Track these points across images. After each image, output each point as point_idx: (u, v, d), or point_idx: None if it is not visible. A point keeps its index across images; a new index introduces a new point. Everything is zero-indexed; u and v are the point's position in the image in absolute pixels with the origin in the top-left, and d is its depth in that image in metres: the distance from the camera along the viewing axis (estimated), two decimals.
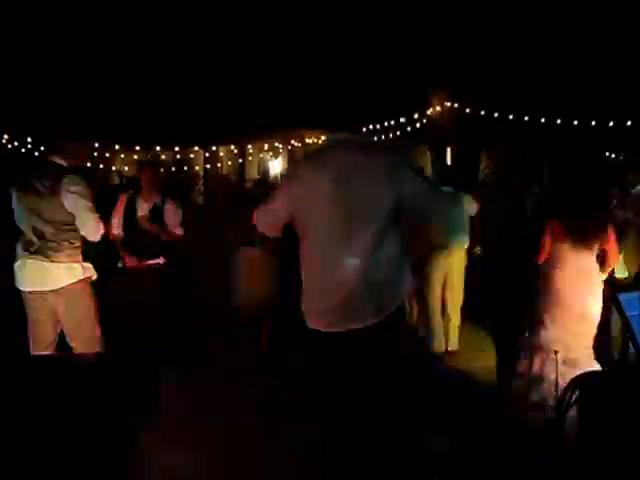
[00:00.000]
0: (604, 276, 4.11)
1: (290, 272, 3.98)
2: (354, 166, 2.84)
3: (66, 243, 3.93)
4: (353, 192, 2.80)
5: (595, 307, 3.98)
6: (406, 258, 2.98)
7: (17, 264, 4.03)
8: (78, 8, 12.21)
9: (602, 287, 4.09)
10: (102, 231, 4.01)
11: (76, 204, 3.88)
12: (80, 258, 4.02)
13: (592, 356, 3.96)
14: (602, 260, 4.07)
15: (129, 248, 5.12)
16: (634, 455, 2.14)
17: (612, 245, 4.03)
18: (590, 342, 3.97)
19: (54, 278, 3.94)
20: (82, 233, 3.95)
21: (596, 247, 3.99)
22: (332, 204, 2.81)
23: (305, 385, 3.96)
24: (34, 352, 4.00)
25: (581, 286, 3.95)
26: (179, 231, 5.25)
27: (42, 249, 3.93)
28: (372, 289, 2.83)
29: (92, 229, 3.94)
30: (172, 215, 5.24)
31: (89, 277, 4.08)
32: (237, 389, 4.95)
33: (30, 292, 4.01)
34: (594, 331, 3.99)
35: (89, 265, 4.09)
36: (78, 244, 3.99)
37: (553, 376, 3.84)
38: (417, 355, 5.49)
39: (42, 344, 4.03)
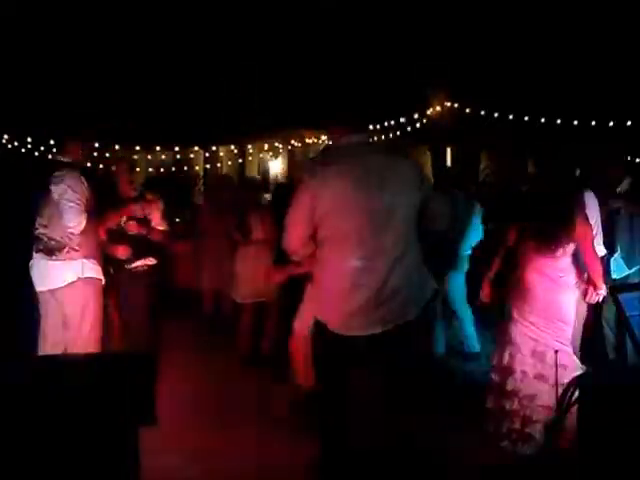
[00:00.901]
0: (600, 292, 4.02)
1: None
2: (383, 168, 2.83)
3: (66, 240, 3.92)
4: (383, 194, 2.79)
5: (565, 302, 3.93)
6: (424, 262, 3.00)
7: (30, 264, 4.05)
8: (78, 8, 12.20)
9: (578, 286, 4.05)
10: (81, 223, 3.89)
11: (58, 194, 3.87)
12: (83, 256, 3.99)
13: (568, 352, 3.93)
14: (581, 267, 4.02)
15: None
16: (634, 456, 2.14)
17: (586, 247, 3.90)
18: (563, 337, 3.92)
19: (56, 276, 3.95)
20: (64, 224, 3.89)
21: (565, 247, 3.90)
22: (362, 206, 2.78)
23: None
24: (43, 352, 4.00)
25: (547, 284, 3.91)
26: (163, 226, 4.98)
27: (46, 248, 3.95)
28: (398, 292, 2.83)
29: (67, 218, 3.87)
30: (154, 209, 4.94)
31: (93, 278, 4.05)
32: (238, 390, 4.95)
33: (41, 292, 4.03)
34: (566, 327, 3.94)
35: (94, 265, 4.06)
36: (80, 242, 3.96)
37: (520, 368, 3.90)
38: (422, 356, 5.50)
39: (51, 345, 4.03)
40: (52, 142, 4.26)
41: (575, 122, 11.58)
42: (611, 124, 11.37)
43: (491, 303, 4.32)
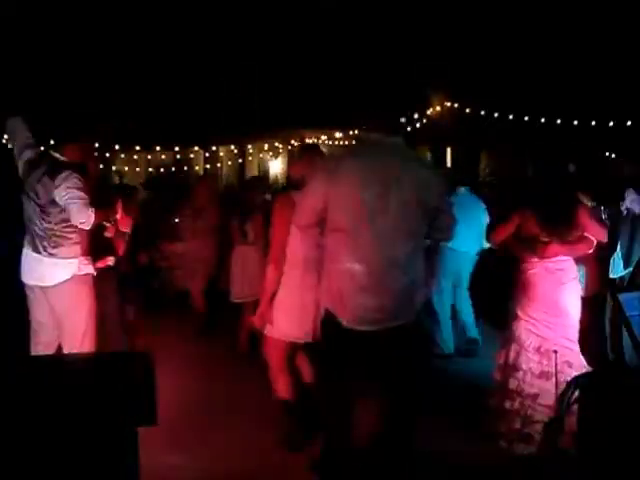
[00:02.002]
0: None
1: None
2: (397, 171, 2.87)
3: (62, 239, 3.90)
4: (400, 195, 2.84)
5: (569, 298, 3.95)
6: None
7: (23, 258, 4.03)
8: (78, 8, 12.20)
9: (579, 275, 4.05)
10: (90, 217, 3.86)
11: (65, 195, 3.82)
12: (79, 254, 3.96)
13: (574, 348, 3.94)
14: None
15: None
16: (634, 455, 2.14)
17: (593, 230, 3.93)
18: (569, 334, 3.93)
19: (50, 274, 3.90)
20: (73, 222, 3.88)
21: (570, 239, 3.94)
22: (379, 205, 2.83)
23: (307, 387, 3.97)
24: (34, 352, 3.97)
25: (549, 279, 3.93)
26: (126, 227, 4.73)
27: (40, 244, 3.91)
28: (407, 290, 2.91)
29: (76, 216, 3.83)
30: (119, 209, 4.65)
31: (88, 274, 4.03)
32: (238, 389, 4.95)
33: (30, 286, 4.00)
34: (572, 323, 3.95)
35: (88, 262, 4.04)
36: (76, 240, 3.94)
37: (526, 366, 3.91)
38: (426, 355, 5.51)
39: (43, 343, 4.01)
40: (52, 142, 4.23)
41: (575, 122, 11.57)
42: (611, 124, 11.37)
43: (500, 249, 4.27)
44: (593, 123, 11.51)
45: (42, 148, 4.22)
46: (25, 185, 3.99)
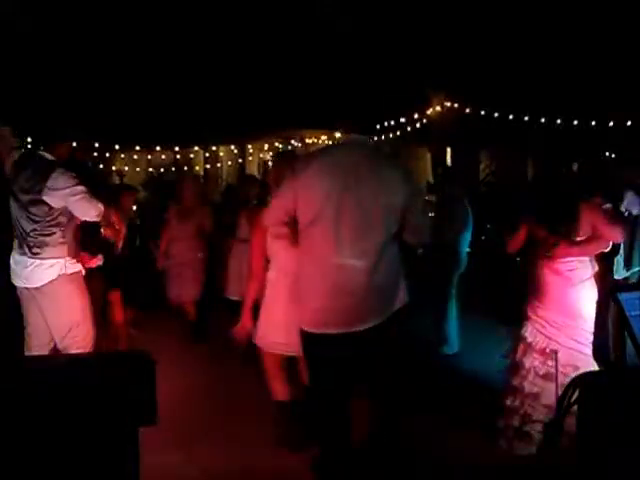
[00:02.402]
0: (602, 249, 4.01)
1: None
2: (369, 171, 2.85)
3: (49, 239, 3.86)
4: (366, 196, 2.81)
5: (580, 300, 3.90)
6: (402, 265, 3.01)
7: (11, 259, 4.01)
8: (77, 8, 12.21)
9: (591, 276, 4.04)
10: (99, 208, 3.84)
11: (66, 194, 3.79)
12: (65, 254, 3.91)
13: (583, 351, 3.89)
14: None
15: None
16: (634, 456, 2.14)
17: (606, 230, 3.85)
18: (579, 335, 3.89)
19: (36, 275, 3.87)
20: (83, 218, 3.87)
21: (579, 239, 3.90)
22: (343, 206, 2.81)
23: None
24: (28, 353, 3.95)
25: (558, 279, 3.90)
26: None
27: (27, 245, 3.88)
28: (374, 292, 2.85)
29: (86, 211, 3.83)
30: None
31: (75, 272, 3.99)
32: (237, 389, 4.96)
33: (19, 288, 3.98)
34: (583, 325, 3.91)
35: (75, 261, 4.00)
36: (63, 240, 3.89)
37: (529, 364, 3.91)
38: (422, 356, 5.50)
39: (36, 345, 3.99)
40: (44, 139, 4.18)
41: (575, 122, 11.58)
42: (611, 124, 11.37)
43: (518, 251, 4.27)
44: (593, 123, 11.52)
45: (41, 148, 4.20)
46: (13, 186, 3.96)
